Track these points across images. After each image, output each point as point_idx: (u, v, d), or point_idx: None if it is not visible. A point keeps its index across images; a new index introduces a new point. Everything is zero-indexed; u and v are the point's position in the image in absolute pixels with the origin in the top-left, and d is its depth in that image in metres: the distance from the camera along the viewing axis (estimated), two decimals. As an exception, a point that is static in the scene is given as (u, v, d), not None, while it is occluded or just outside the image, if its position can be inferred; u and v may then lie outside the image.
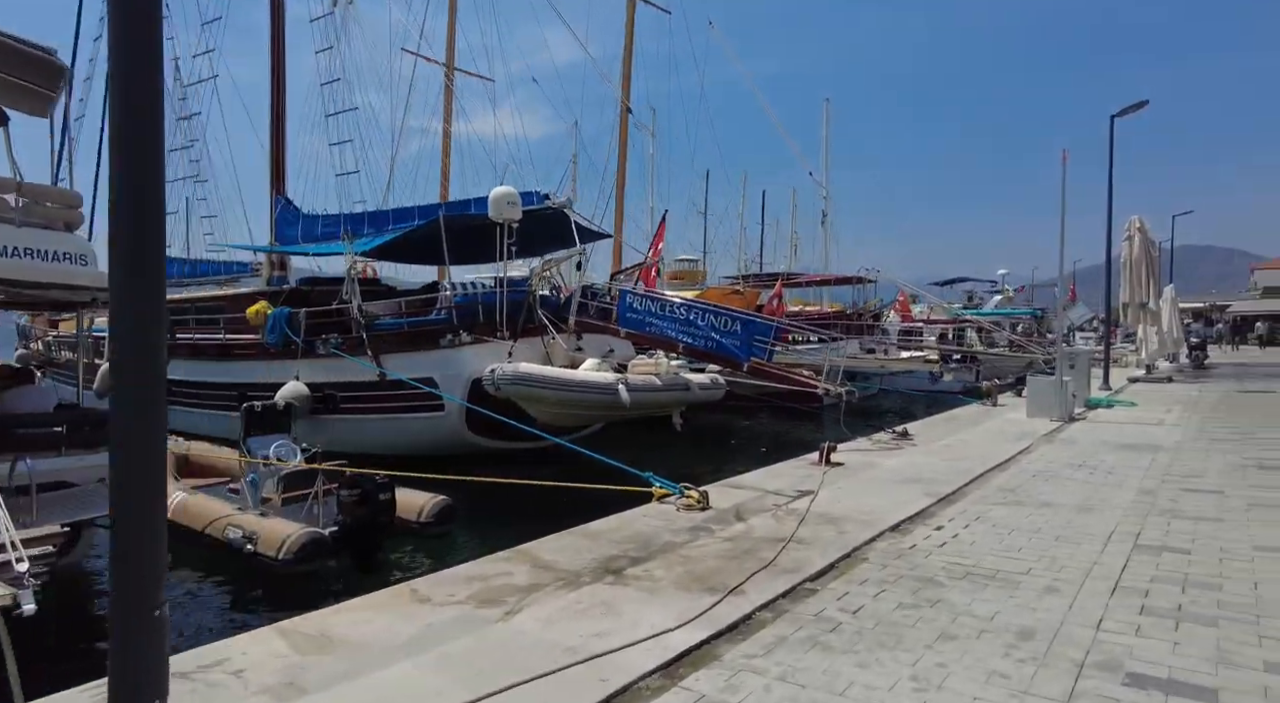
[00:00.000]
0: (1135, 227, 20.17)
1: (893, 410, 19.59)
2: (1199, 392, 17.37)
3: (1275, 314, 48.40)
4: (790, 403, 13.67)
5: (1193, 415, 12.81)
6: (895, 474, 7.84)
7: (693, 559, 4.94)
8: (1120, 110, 17.56)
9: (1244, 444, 9.55)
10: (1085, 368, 14.51)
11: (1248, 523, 5.64)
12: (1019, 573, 4.60)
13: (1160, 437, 10.33)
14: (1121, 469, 8.00)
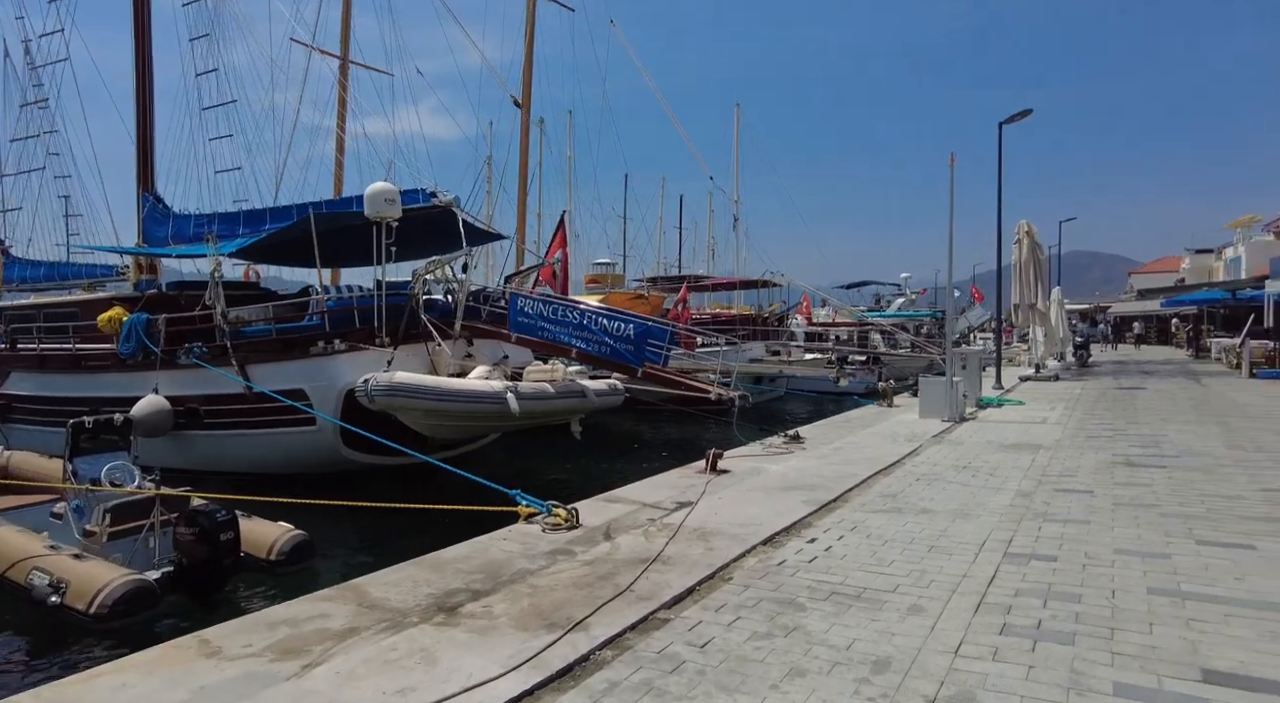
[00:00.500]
0: (1024, 231, 20.97)
1: (796, 413, 19.71)
2: (1081, 389, 18.13)
3: (1149, 315, 51.80)
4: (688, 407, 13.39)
5: (1073, 413, 13.24)
6: (779, 481, 7.59)
7: (542, 589, 4.48)
8: (1007, 118, 18.17)
9: (1115, 440, 9.81)
10: (976, 368, 14.85)
11: (1111, 525, 5.61)
12: (885, 591, 4.34)
13: (1042, 435, 10.53)
14: (1003, 470, 8.01)
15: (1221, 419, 11.74)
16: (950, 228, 12.47)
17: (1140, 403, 14.50)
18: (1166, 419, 11.88)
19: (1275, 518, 5.71)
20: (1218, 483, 7.01)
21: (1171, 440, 9.70)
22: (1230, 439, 9.67)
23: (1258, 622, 3.72)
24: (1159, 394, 16.21)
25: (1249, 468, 7.70)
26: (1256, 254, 44.71)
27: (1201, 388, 17.47)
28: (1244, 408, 13.23)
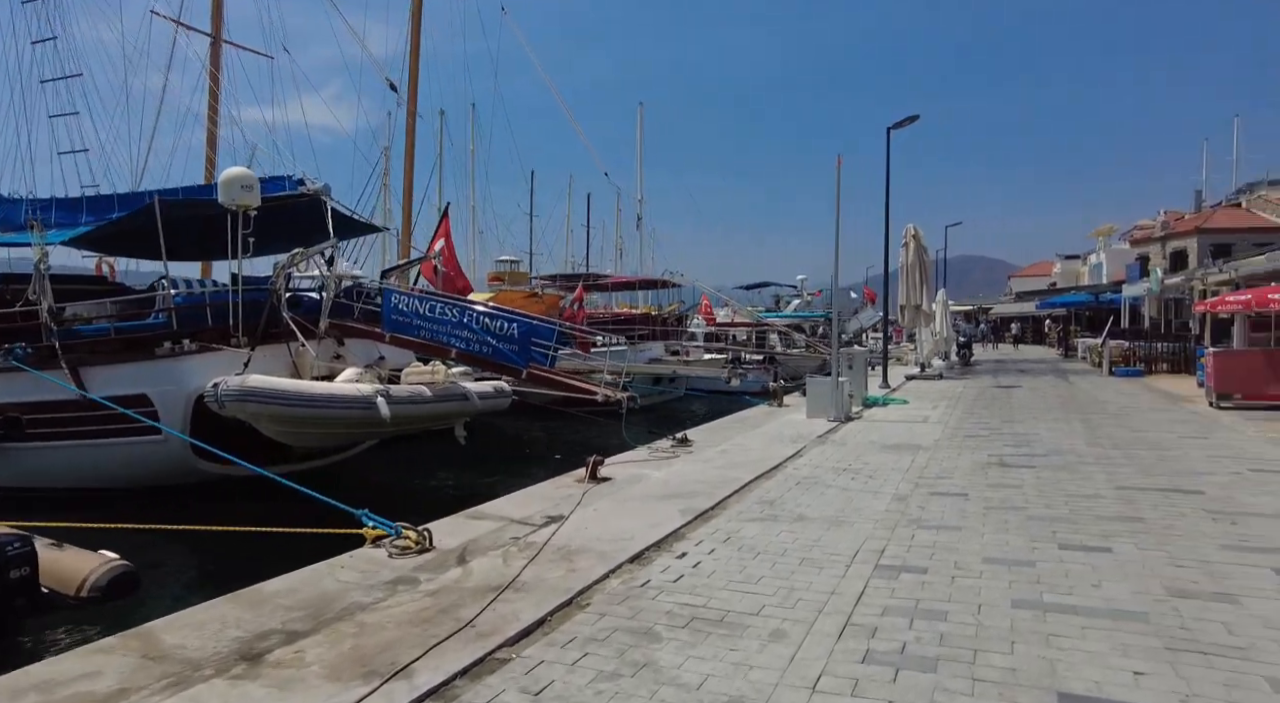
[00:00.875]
0: (910, 234, 21.66)
1: (696, 413, 19.63)
2: (963, 388, 18.86)
3: (1026, 316, 55.25)
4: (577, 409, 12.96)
5: (954, 412, 13.64)
6: (660, 488, 7.27)
7: (371, 627, 3.94)
8: (895, 123, 18.70)
9: (991, 440, 10.06)
10: (863, 368, 15.11)
11: (982, 531, 5.56)
12: (750, 613, 4.05)
13: (923, 435, 10.70)
14: (882, 472, 7.99)
15: (1085, 416, 12.32)
16: (836, 229, 12.57)
17: (1015, 401, 15.13)
18: (1038, 418, 12.37)
19: (1127, 517, 5.81)
20: (1080, 482, 7.18)
21: (1041, 439, 10.03)
22: (1091, 437, 10.09)
23: (1112, 634, 3.63)
24: (1032, 392, 17.02)
25: (1106, 465, 7.96)
26: (1115, 261, 48.49)
27: (1069, 386, 18.50)
28: (1104, 405, 14.00)
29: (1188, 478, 7.22)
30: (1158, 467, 7.85)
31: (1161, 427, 10.96)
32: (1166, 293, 24.38)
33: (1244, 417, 11.94)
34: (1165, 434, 10.19)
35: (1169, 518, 5.77)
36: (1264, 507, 6.08)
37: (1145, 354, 22.23)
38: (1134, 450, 8.88)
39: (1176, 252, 38.99)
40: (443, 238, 15.20)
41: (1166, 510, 5.98)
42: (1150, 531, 5.43)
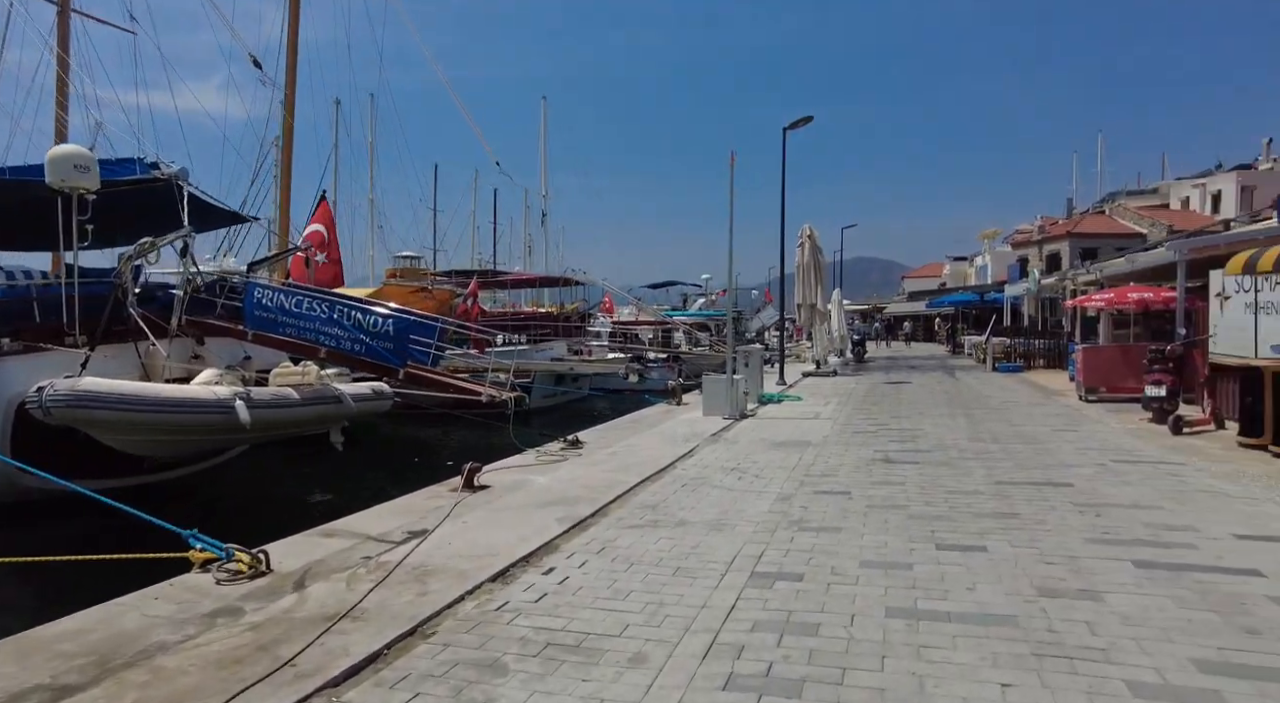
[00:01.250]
0: (806, 234, 22.04)
1: (595, 413, 19.27)
2: (855, 384, 19.30)
3: (917, 314, 57.83)
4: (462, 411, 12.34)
5: (845, 408, 13.83)
6: (541, 495, 6.86)
7: (168, 673, 3.36)
8: (790, 123, 18.90)
9: (878, 436, 10.16)
10: (758, 366, 15.15)
11: (862, 532, 5.43)
12: (611, 635, 3.70)
13: (813, 431, 10.72)
14: (769, 471, 7.85)
15: (968, 411, 12.72)
16: (730, 225, 12.47)
17: (904, 397, 15.53)
18: (924, 413, 12.67)
19: (1003, 513, 5.83)
20: (960, 478, 7.24)
21: (926, 434, 10.21)
22: (973, 431, 10.36)
23: (982, 642, 3.49)
24: (920, 388, 17.56)
25: (985, 460, 8.11)
26: (998, 262, 51.45)
27: (955, 382, 19.24)
28: (986, 400, 14.54)
29: (1058, 471, 7.40)
30: (1032, 460, 8.04)
31: (1036, 420, 11.39)
32: (1043, 293, 25.84)
33: (1108, 409, 12.60)
34: (1040, 428, 10.57)
35: (1041, 512, 5.82)
36: (1123, 498, 6.24)
37: (1024, 351, 23.47)
38: (1011, 445, 9.12)
39: (1052, 254, 41.63)
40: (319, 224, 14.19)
41: (1039, 505, 6.04)
42: (1023, 526, 5.44)
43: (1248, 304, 9.67)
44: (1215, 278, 10.77)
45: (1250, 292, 9.43)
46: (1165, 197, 48.81)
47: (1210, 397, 9.97)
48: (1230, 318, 10.16)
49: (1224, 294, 10.47)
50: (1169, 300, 12.91)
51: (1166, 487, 6.58)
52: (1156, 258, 14.15)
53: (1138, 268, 14.72)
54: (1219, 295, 10.65)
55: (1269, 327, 8.93)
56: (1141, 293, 13.31)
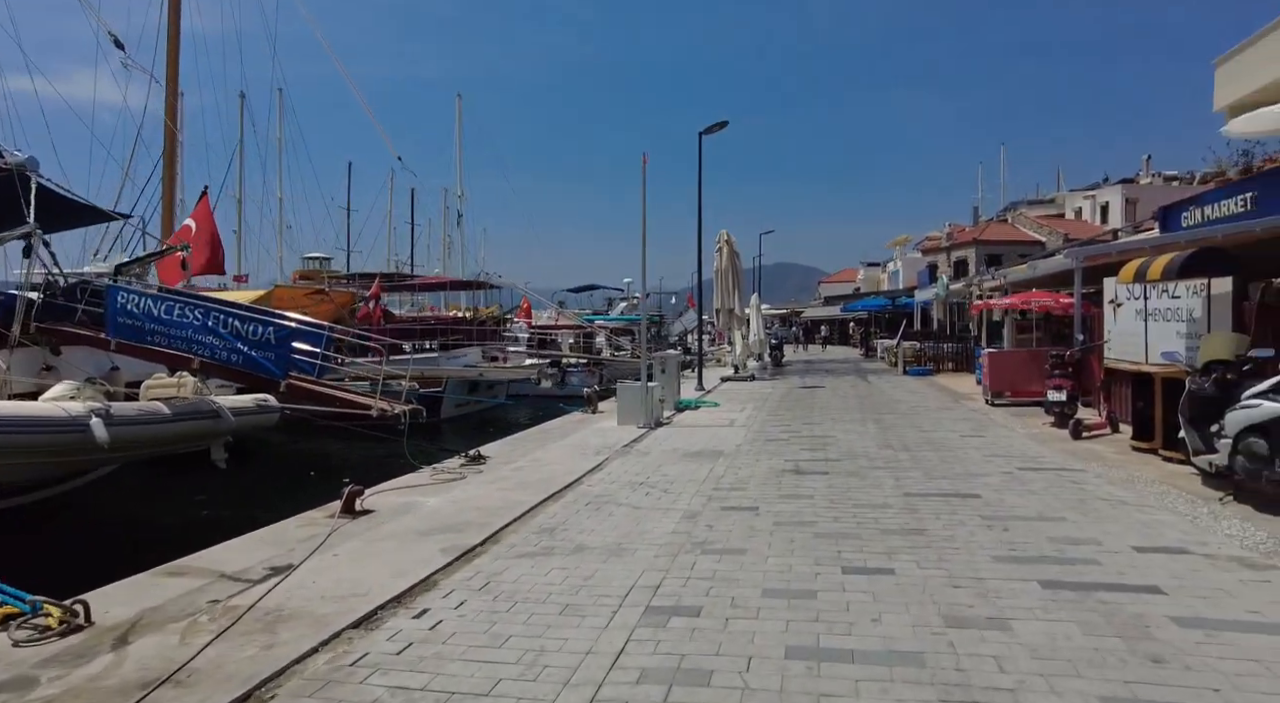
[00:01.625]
0: (724, 239, 22.02)
1: (509, 422, 18.64)
2: (771, 389, 19.33)
3: (833, 319, 59.30)
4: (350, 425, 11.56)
5: (760, 414, 13.71)
6: (429, 521, 6.30)
7: (-89, 776, 2.70)
8: (706, 128, 18.79)
9: (789, 444, 9.99)
10: (675, 372, 14.89)
11: (767, 554, 5.13)
12: (478, 694, 3.24)
13: (727, 439, 10.48)
14: (679, 485, 7.52)
15: (879, 417, 12.77)
16: (643, 228, 12.15)
17: (818, 402, 15.56)
18: (836, 419, 12.65)
19: (911, 530, 5.65)
20: (869, 489, 7.08)
21: (837, 442, 10.11)
22: (883, 438, 10.33)
23: (887, 687, 3.19)
24: (834, 393, 17.70)
25: (894, 470, 8.00)
26: (910, 268, 53.18)
27: (867, 386, 19.51)
28: (896, 404, 14.70)
29: (966, 481, 7.34)
30: (940, 469, 7.99)
31: (945, 426, 11.50)
32: (951, 297, 26.70)
33: (1013, 413, 12.89)
34: (948, 434, 10.64)
35: (949, 527, 5.67)
36: (1028, 508, 6.18)
37: (934, 354, 24.13)
38: (920, 452, 9.09)
39: (959, 260, 43.26)
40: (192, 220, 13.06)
41: (948, 519, 5.90)
42: (931, 543, 5.25)
43: (1138, 311, 9.98)
44: (1109, 285, 11.12)
45: (1140, 299, 9.73)
46: (1061, 207, 51.58)
47: (1105, 401, 10.25)
48: (1123, 324, 10.48)
49: (1117, 301, 10.81)
50: (1068, 306, 13.33)
51: (1069, 496, 6.56)
52: (1055, 265, 14.62)
53: (1039, 274, 15.19)
54: (1112, 302, 10.99)
55: (1158, 333, 9.20)
56: (1042, 298, 13.71)
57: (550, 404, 20.38)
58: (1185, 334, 8.64)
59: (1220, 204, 14.42)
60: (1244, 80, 15.63)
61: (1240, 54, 15.84)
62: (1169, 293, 9.11)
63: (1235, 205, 14.29)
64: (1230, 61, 16.20)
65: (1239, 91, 15.67)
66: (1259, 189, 13.65)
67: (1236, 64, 16.02)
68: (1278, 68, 14.55)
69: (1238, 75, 15.95)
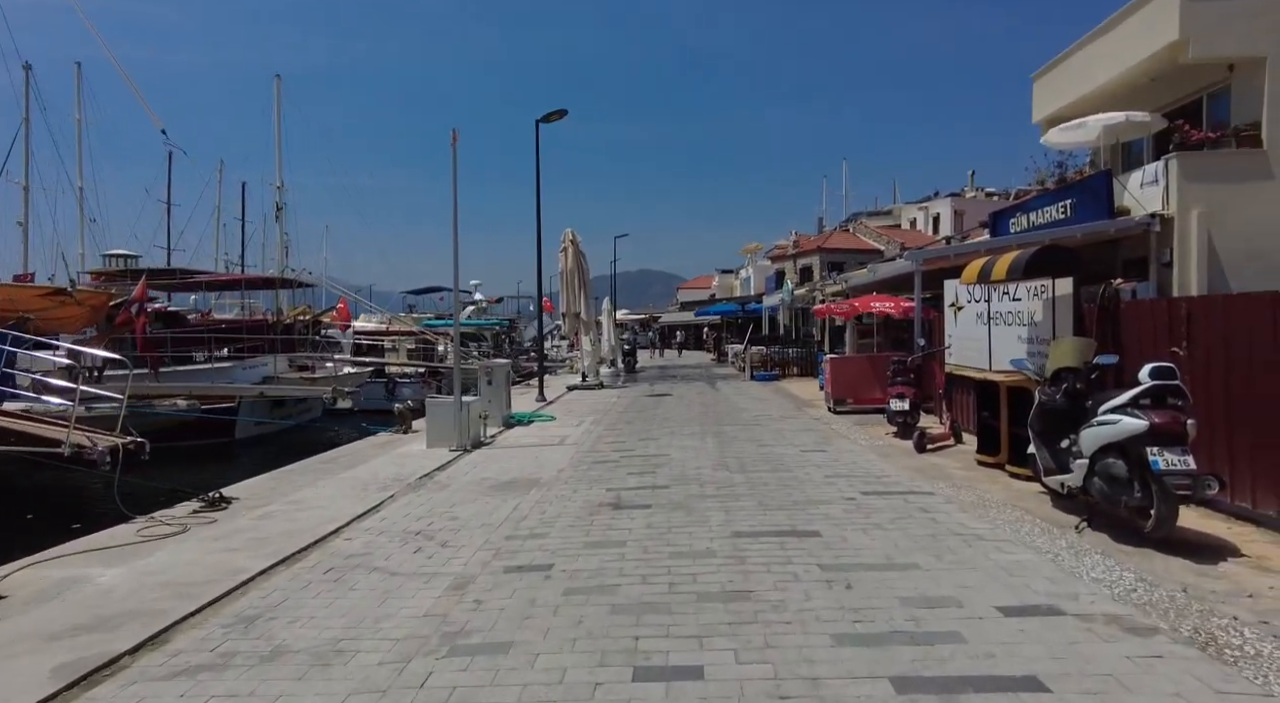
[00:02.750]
0: (568, 239, 20.60)
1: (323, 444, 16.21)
2: (618, 397, 18.13)
3: (689, 324, 59.57)
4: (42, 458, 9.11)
5: (597, 428, 12.39)
6: (76, 612, 4.38)
7: None
8: (543, 116, 17.35)
9: (618, 468, 8.68)
10: (504, 382, 13.28)
11: (539, 649, 3.71)
12: None
13: (549, 463, 9.03)
14: (466, 532, 5.97)
15: (720, 429, 11.79)
16: (454, 214, 10.47)
17: (661, 412, 14.47)
18: (675, 432, 11.53)
19: (735, 592, 4.42)
20: (694, 529, 5.85)
21: (671, 462, 8.92)
22: (720, 455, 9.26)
23: None
24: (679, 401, 16.73)
25: (726, 500, 6.86)
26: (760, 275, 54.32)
27: (714, 393, 18.74)
28: (740, 413, 13.86)
29: (805, 512, 6.28)
30: (778, 496, 6.92)
31: (786, 438, 10.64)
32: (797, 303, 26.77)
33: (855, 421, 12.32)
34: (788, 448, 9.74)
35: (781, 585, 4.49)
36: (874, 552, 5.15)
37: (780, 359, 23.92)
38: (758, 473, 8.04)
39: (805, 267, 44.37)
40: None
41: (780, 573, 4.73)
42: (758, 615, 4.03)
43: (979, 315, 9.51)
44: (950, 288, 10.69)
45: (983, 301, 9.24)
46: (897, 218, 54.57)
47: (948, 410, 9.72)
48: (964, 328, 10.02)
49: (957, 304, 10.37)
50: (908, 310, 12.99)
51: (919, 530, 5.63)
52: (895, 268, 14.35)
53: (879, 278, 14.92)
54: (953, 305, 10.55)
55: (1002, 339, 8.69)
56: (883, 302, 13.33)
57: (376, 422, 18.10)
58: (1028, 339, 8.16)
59: (1044, 210, 14.71)
60: (1060, 93, 16.20)
61: (1055, 68, 16.41)
62: (1010, 295, 8.64)
63: (1057, 212, 14.59)
64: (1047, 75, 16.77)
65: (1055, 104, 16.22)
66: (1076, 196, 13.99)
67: (1052, 78, 16.59)
68: (1089, 81, 15.07)
69: (1054, 89, 16.52)
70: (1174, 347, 6.21)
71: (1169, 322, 6.29)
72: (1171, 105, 13.55)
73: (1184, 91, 13.43)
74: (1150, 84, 13.94)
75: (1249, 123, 11.81)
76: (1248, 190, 11.44)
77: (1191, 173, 11.58)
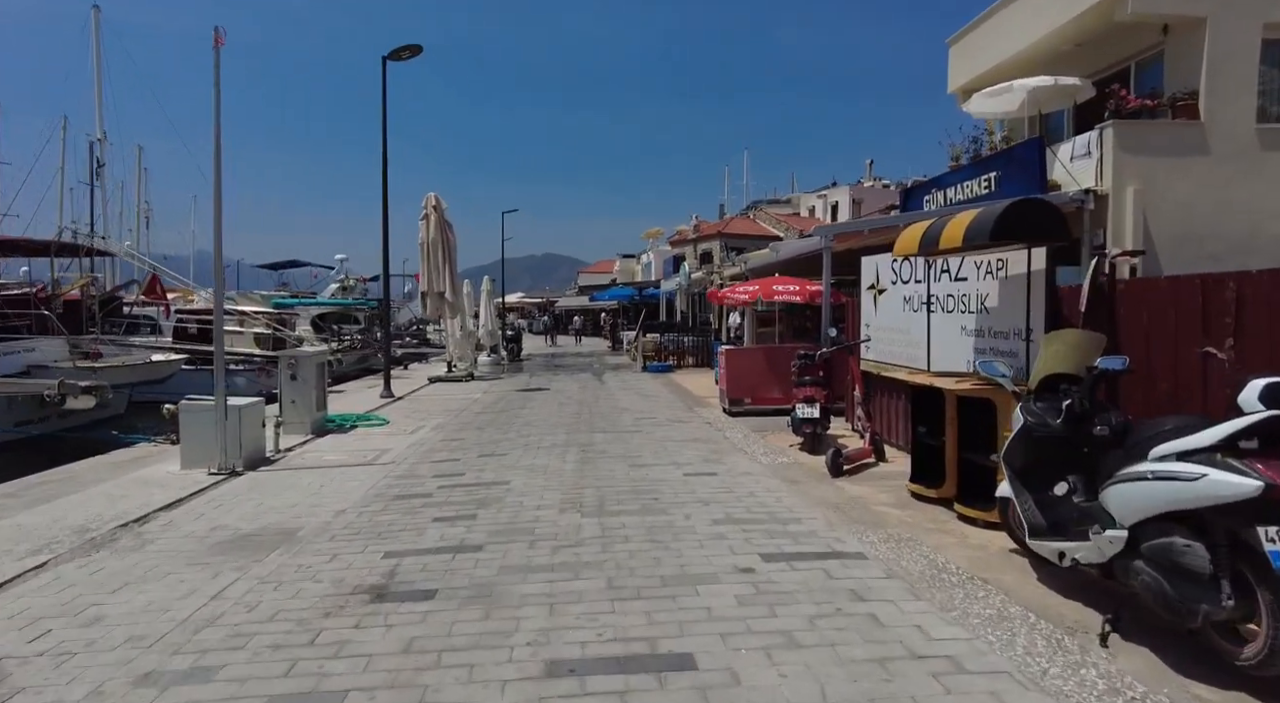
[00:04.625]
0: (430, 204, 17.58)
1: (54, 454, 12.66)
2: (483, 393, 15.46)
3: (586, 309, 56.96)
4: None
5: (435, 435, 9.77)
6: None
7: None
8: (391, 52, 14.36)
9: (426, 507, 6.11)
10: (316, 379, 10.37)
11: None
12: None
13: (333, 499, 6.37)
14: (74, 664, 3.31)
15: (590, 437, 9.41)
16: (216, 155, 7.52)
17: (527, 414, 11.95)
18: (532, 443, 9.07)
19: None
20: (484, 651, 3.42)
21: (508, 494, 6.45)
22: (578, 482, 6.87)
23: None
24: (554, 398, 14.26)
25: (560, 574, 4.45)
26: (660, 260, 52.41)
27: (598, 387, 16.35)
28: (619, 416, 11.53)
29: (673, 606, 3.95)
30: (640, 564, 4.58)
31: (669, 452, 8.37)
32: (693, 287, 24.77)
33: (754, 428, 10.22)
34: (669, 469, 7.46)
35: None
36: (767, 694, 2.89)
37: (674, 349, 21.81)
38: (621, 516, 5.69)
39: (705, 252, 42.70)
40: None
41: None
42: None
43: (909, 298, 7.49)
44: (869, 265, 8.69)
45: (917, 282, 7.22)
46: (797, 206, 53.85)
47: (867, 418, 7.68)
48: (888, 316, 8.02)
49: (878, 286, 8.37)
50: (815, 295, 11.00)
51: (859, 652, 3.39)
52: (801, 246, 12.41)
53: (782, 258, 12.93)
54: (872, 287, 8.56)
55: (946, 330, 6.67)
56: (786, 286, 11.29)
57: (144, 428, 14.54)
58: (977, 330, 6.17)
59: (964, 185, 13.08)
60: (976, 60, 14.68)
61: (973, 32, 14.87)
62: (952, 273, 6.65)
63: (979, 186, 12.97)
64: (963, 40, 15.22)
65: (972, 71, 14.68)
66: (1001, 168, 12.40)
67: (969, 43, 15.04)
68: (1008, 46, 13.54)
69: (970, 56, 14.96)
70: (1209, 347, 4.26)
71: (1201, 308, 4.34)
72: (1098, 74, 12.13)
73: (1112, 58, 12.04)
74: (1075, 50, 12.49)
75: (1186, 92, 10.40)
76: (1183, 166, 10.03)
77: (1129, 144, 10.03)
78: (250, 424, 8.11)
